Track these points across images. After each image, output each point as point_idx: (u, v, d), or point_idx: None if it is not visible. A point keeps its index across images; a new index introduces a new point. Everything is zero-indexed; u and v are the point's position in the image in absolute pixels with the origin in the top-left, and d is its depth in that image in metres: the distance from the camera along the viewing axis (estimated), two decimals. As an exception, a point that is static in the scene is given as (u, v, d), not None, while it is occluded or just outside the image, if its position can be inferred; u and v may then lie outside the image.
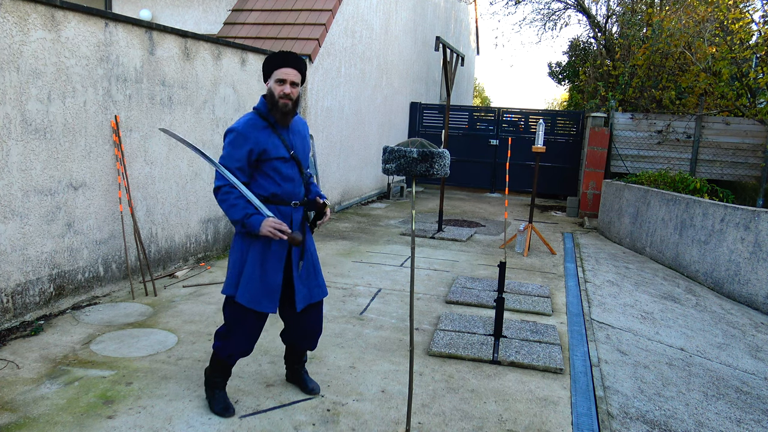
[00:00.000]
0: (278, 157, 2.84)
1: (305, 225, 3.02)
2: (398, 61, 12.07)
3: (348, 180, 9.96)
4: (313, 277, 3.07)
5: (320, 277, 3.13)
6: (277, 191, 2.88)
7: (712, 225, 6.38)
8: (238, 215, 2.75)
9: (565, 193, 12.24)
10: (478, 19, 22.11)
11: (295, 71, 2.84)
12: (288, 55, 2.84)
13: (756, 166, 9.19)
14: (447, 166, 2.68)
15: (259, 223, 2.72)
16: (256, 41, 8.08)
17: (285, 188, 2.89)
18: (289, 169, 2.91)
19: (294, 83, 2.84)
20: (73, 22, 4.23)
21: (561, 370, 3.71)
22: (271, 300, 2.90)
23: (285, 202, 2.90)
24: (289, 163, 2.90)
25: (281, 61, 2.83)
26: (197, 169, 5.76)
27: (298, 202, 2.95)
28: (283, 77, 2.81)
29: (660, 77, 10.48)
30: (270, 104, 2.85)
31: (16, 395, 3.08)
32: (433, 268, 6.15)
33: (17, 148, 3.88)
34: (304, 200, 3.01)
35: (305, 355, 3.33)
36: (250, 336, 2.98)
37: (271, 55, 2.85)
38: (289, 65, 2.83)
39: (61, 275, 4.32)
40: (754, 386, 3.96)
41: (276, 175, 2.85)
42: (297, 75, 2.85)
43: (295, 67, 2.85)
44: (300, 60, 2.87)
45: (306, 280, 3.04)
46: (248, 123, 2.84)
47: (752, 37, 8.92)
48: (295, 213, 2.95)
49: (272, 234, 2.71)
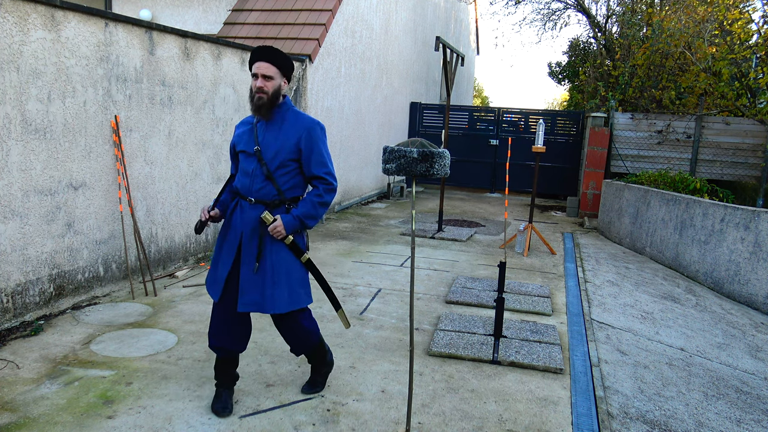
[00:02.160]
0: (242, 150, 2.93)
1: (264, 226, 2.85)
2: (398, 61, 12.07)
3: (348, 180, 9.97)
4: (269, 287, 2.85)
5: (279, 288, 2.86)
6: (237, 184, 2.96)
7: (712, 225, 6.38)
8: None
9: (565, 193, 12.24)
10: (478, 19, 22.11)
11: (267, 64, 2.81)
12: (260, 48, 2.83)
13: (756, 166, 9.19)
14: (447, 166, 2.68)
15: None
16: (256, 41, 8.07)
17: (241, 182, 2.93)
18: (249, 163, 2.89)
19: (267, 76, 2.80)
20: (73, 22, 4.23)
21: (561, 370, 3.71)
22: (213, 289, 2.95)
23: (243, 197, 2.93)
24: (251, 158, 2.88)
25: (255, 56, 2.85)
26: (197, 169, 5.76)
27: (253, 199, 2.87)
28: (255, 71, 2.83)
29: (660, 77, 10.48)
30: (250, 97, 2.89)
31: (16, 395, 3.08)
32: (433, 268, 6.15)
33: (17, 148, 3.88)
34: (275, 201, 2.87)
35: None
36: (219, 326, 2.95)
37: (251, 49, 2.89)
38: (261, 59, 2.82)
39: (61, 275, 4.32)
40: (754, 386, 3.96)
41: (239, 167, 2.98)
42: (269, 68, 2.81)
43: (268, 60, 2.81)
44: (273, 53, 2.81)
45: (259, 286, 2.85)
46: (244, 119, 3.05)
47: (752, 37, 8.92)
48: (250, 210, 2.87)
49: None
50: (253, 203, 2.88)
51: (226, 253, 2.93)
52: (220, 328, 2.96)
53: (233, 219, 2.94)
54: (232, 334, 2.97)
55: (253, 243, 2.87)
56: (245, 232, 2.88)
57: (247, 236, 2.88)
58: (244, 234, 2.89)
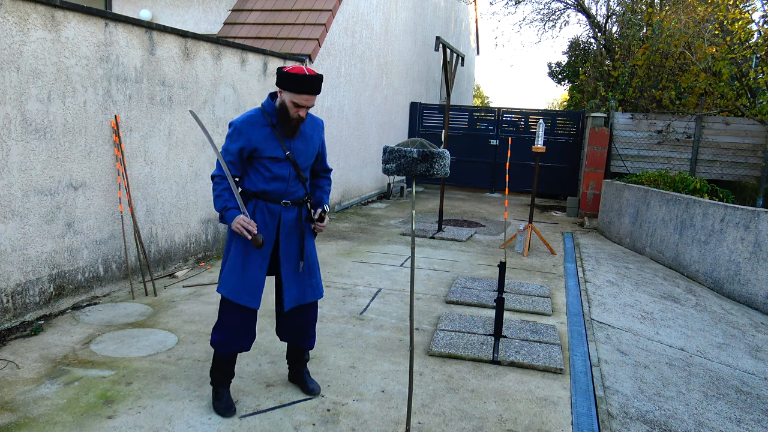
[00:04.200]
0: (271, 156, 2.87)
1: (303, 224, 3.01)
2: (398, 61, 12.07)
3: (348, 180, 9.96)
4: (307, 278, 3.06)
5: (316, 277, 3.11)
6: (266, 188, 2.91)
7: (712, 225, 6.38)
8: (218, 206, 2.86)
9: (565, 193, 12.24)
10: (478, 19, 22.11)
11: (314, 97, 2.84)
12: (314, 82, 2.77)
13: (756, 166, 9.19)
14: (447, 166, 2.68)
15: (233, 218, 2.80)
16: (256, 41, 8.08)
17: (273, 186, 2.91)
18: (282, 169, 2.91)
19: (309, 107, 2.85)
20: (73, 22, 4.23)
21: (561, 370, 3.71)
22: (251, 295, 2.92)
23: (274, 200, 2.92)
24: (283, 163, 2.90)
25: (307, 88, 2.76)
26: (197, 169, 5.76)
27: (289, 201, 2.95)
28: (303, 103, 2.80)
29: (660, 77, 10.48)
30: (280, 115, 2.85)
31: (16, 395, 3.08)
32: (433, 268, 6.15)
33: (17, 148, 3.88)
34: (304, 200, 3.01)
35: (306, 354, 3.33)
36: (238, 330, 2.96)
37: (299, 75, 2.73)
38: (312, 92, 2.79)
39: (61, 275, 4.32)
40: (754, 386, 3.96)
41: (266, 172, 2.89)
42: (314, 99, 2.84)
43: (316, 93, 2.84)
44: (321, 84, 2.83)
45: (299, 281, 3.03)
46: (248, 119, 2.87)
47: (752, 37, 8.92)
48: (285, 212, 2.95)
49: (239, 231, 2.78)
50: (289, 205, 2.96)
51: (259, 257, 2.91)
52: (240, 332, 2.97)
53: (258, 222, 2.92)
54: (250, 335, 3.01)
55: (293, 242, 2.99)
56: (283, 233, 2.95)
57: (284, 237, 2.96)
58: (281, 235, 2.95)
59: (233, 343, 2.97)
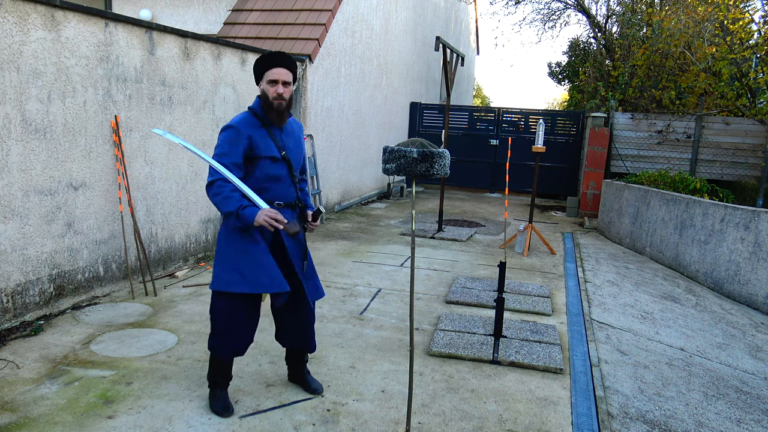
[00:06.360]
0: (268, 156, 2.87)
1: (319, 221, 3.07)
2: (398, 61, 12.07)
3: (348, 180, 9.96)
4: (310, 278, 3.12)
5: (317, 278, 3.18)
6: (260, 189, 2.91)
7: (712, 225, 6.38)
8: (233, 207, 2.71)
9: (565, 193, 12.24)
10: (478, 19, 22.11)
11: (286, 71, 2.86)
12: (279, 55, 2.85)
13: (756, 166, 9.19)
14: (447, 166, 2.68)
15: (254, 214, 2.70)
16: (256, 41, 8.08)
17: (269, 187, 2.91)
18: (278, 169, 2.92)
19: (286, 83, 2.86)
20: (73, 22, 4.23)
21: (561, 370, 3.71)
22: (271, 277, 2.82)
23: (268, 202, 2.91)
24: (279, 163, 2.92)
25: (272, 62, 2.84)
26: (197, 169, 5.76)
27: (282, 203, 2.95)
28: (275, 78, 2.83)
29: (660, 77, 10.48)
30: (264, 105, 2.88)
31: (16, 395, 3.08)
32: (433, 268, 6.15)
33: (17, 148, 3.88)
34: (296, 203, 3.01)
35: (306, 355, 3.33)
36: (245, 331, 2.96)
37: (261, 56, 2.85)
38: (280, 65, 2.84)
39: (61, 275, 4.32)
40: (754, 386, 3.96)
41: (261, 173, 2.88)
42: (288, 74, 2.87)
43: (287, 67, 2.86)
44: (291, 59, 2.88)
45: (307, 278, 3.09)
46: (244, 120, 2.89)
47: (752, 37, 8.91)
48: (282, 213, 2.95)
49: (267, 224, 2.68)
50: (283, 206, 2.95)
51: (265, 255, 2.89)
52: (244, 333, 2.96)
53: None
54: (252, 335, 3.02)
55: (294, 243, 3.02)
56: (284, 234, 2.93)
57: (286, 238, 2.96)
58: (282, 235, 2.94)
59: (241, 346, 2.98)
